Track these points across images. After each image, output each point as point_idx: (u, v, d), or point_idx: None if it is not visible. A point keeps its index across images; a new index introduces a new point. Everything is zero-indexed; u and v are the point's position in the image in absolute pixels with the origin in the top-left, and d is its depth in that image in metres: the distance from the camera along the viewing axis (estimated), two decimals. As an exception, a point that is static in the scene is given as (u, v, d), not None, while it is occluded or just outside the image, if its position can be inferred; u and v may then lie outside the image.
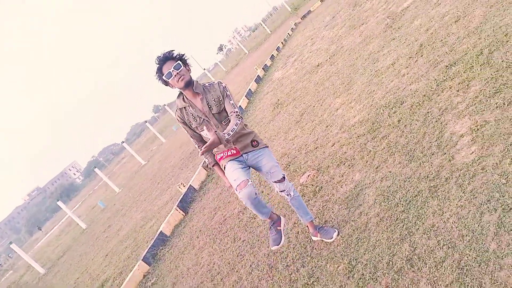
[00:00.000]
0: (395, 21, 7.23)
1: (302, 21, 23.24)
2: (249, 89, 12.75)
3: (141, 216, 9.55)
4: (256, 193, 2.71)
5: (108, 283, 6.45)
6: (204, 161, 3.14)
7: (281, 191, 3.02)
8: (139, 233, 7.94)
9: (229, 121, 2.83)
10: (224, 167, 2.90)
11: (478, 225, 2.22)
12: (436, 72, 4.23)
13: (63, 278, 10.17)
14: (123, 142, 25.04)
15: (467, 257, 2.11)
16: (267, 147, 3.03)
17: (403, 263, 2.39)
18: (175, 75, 2.68)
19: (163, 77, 2.72)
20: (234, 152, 2.88)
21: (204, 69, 35.63)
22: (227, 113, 2.84)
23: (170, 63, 2.70)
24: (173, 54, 2.74)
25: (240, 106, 11.18)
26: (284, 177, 2.97)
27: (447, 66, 4.15)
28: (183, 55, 2.79)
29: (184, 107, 2.87)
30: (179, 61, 2.71)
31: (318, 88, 7.23)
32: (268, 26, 45.85)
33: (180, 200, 6.86)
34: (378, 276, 2.45)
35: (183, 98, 2.86)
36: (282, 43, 19.09)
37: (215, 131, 2.56)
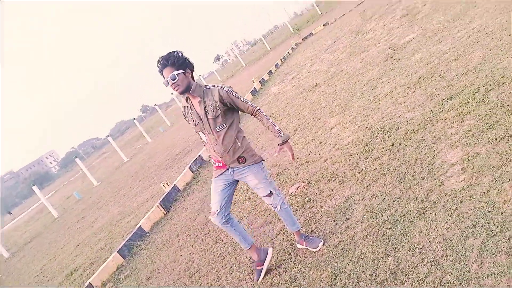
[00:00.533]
0: (396, 52, 7.47)
1: (303, 42, 23.66)
2: (244, 99, 12.84)
3: (118, 210, 9.42)
4: (227, 221, 3.08)
5: (77, 272, 6.32)
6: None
7: (269, 204, 3.11)
8: (115, 227, 7.82)
9: (223, 127, 2.85)
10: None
11: (462, 247, 2.31)
12: (433, 103, 4.38)
13: (28, 263, 9.89)
14: (108, 136, 24.72)
15: (449, 275, 2.18)
16: (256, 163, 2.98)
17: (386, 275, 2.45)
18: (171, 85, 2.75)
19: (163, 83, 2.81)
20: (221, 165, 2.97)
21: (200, 75, 35.74)
22: (222, 119, 2.83)
23: (169, 70, 2.73)
24: (171, 60, 2.72)
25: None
26: (271, 193, 3.03)
27: (444, 99, 4.31)
28: (181, 58, 2.76)
29: (187, 106, 2.96)
30: (174, 72, 2.71)
31: (314, 107, 7.36)
32: (268, 42, 46.43)
33: (162, 199, 6.82)
34: (360, 286, 2.50)
35: (187, 97, 2.93)
36: (281, 60, 19.35)
37: (282, 143, 2.87)
